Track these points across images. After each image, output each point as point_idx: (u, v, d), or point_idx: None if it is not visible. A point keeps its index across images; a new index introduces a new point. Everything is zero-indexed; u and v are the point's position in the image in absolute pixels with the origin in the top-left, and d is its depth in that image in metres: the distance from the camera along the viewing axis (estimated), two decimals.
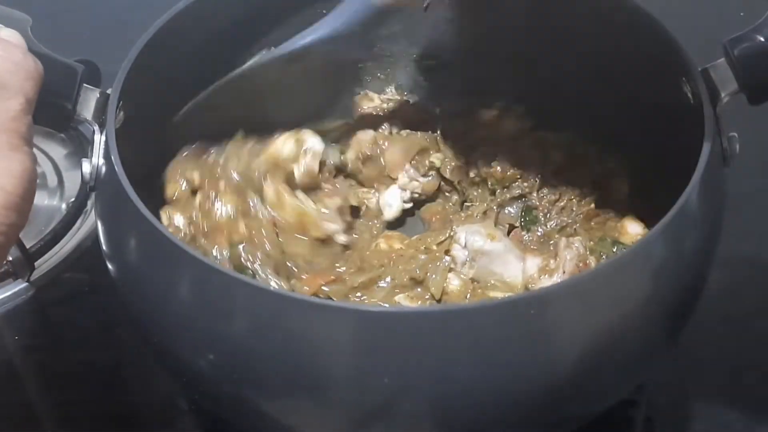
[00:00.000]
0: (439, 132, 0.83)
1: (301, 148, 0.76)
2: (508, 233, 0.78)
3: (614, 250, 0.73)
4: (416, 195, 0.83)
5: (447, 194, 0.83)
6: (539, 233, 0.77)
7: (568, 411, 0.63)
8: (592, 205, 0.77)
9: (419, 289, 0.72)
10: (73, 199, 0.91)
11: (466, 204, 0.82)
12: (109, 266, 0.67)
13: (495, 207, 0.79)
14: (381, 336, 0.57)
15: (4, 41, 0.60)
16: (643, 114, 0.77)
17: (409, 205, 0.83)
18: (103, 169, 0.66)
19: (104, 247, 0.67)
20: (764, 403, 0.76)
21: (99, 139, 0.67)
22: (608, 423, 0.68)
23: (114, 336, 0.82)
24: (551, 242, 0.76)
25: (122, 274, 0.66)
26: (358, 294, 0.72)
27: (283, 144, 0.75)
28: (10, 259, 0.83)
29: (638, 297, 0.60)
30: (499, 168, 0.79)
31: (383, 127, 0.84)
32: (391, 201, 0.82)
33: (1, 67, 0.59)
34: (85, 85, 0.67)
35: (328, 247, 0.75)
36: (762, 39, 0.65)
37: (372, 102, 0.86)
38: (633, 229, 0.74)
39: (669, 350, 0.67)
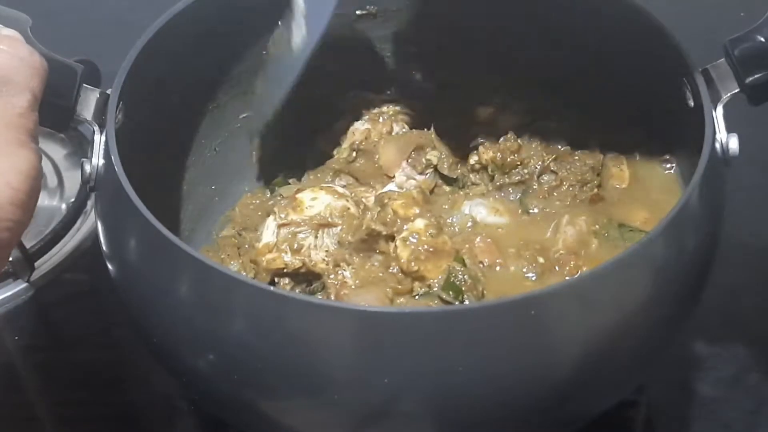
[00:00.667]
0: (433, 128, 0.83)
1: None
2: None
3: (619, 232, 0.73)
4: None
5: (445, 189, 0.83)
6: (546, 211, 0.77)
7: (568, 411, 0.63)
8: (596, 190, 0.77)
9: None
10: (73, 199, 0.91)
11: (465, 191, 0.81)
12: (109, 266, 0.67)
13: (493, 190, 0.79)
14: (381, 336, 0.57)
15: (10, 38, 0.60)
16: (643, 114, 0.77)
17: None
18: (103, 169, 0.66)
19: (104, 247, 0.67)
20: (764, 403, 0.76)
21: (99, 139, 0.67)
22: (608, 423, 0.68)
23: (114, 336, 0.82)
24: (555, 221, 0.76)
25: (122, 274, 0.66)
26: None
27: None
28: (11, 259, 0.83)
29: (639, 297, 0.60)
30: (499, 154, 0.78)
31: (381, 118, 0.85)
32: None
33: (7, 63, 0.59)
34: (85, 85, 0.66)
35: None
36: (762, 39, 0.65)
37: (372, 103, 0.86)
38: (639, 213, 0.74)
39: (669, 350, 0.67)
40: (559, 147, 0.79)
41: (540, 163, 0.78)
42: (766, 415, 0.76)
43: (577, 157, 0.79)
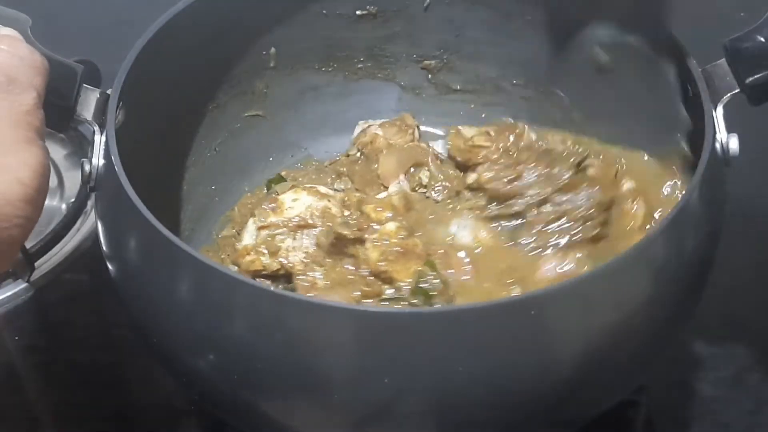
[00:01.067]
0: (432, 148, 0.82)
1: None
2: None
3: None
4: None
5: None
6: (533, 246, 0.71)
7: (568, 412, 0.63)
8: (598, 229, 0.69)
9: None
10: (73, 199, 0.91)
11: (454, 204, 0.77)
12: (109, 266, 0.67)
13: (485, 215, 0.73)
14: (381, 336, 0.57)
15: (10, 37, 0.60)
16: (643, 115, 0.77)
17: None
18: (103, 169, 0.66)
19: (104, 247, 0.67)
20: (764, 403, 0.76)
21: (99, 140, 0.67)
22: (608, 423, 0.68)
23: (114, 336, 0.82)
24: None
25: (122, 274, 0.66)
26: None
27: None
28: None
29: (639, 297, 0.60)
30: (499, 183, 0.73)
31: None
32: None
33: (10, 62, 0.59)
34: (85, 85, 0.67)
35: None
36: (762, 39, 0.65)
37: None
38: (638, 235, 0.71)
39: (669, 351, 0.67)
40: (561, 173, 0.72)
41: (538, 192, 0.71)
42: (766, 415, 0.76)
43: (582, 192, 0.71)
